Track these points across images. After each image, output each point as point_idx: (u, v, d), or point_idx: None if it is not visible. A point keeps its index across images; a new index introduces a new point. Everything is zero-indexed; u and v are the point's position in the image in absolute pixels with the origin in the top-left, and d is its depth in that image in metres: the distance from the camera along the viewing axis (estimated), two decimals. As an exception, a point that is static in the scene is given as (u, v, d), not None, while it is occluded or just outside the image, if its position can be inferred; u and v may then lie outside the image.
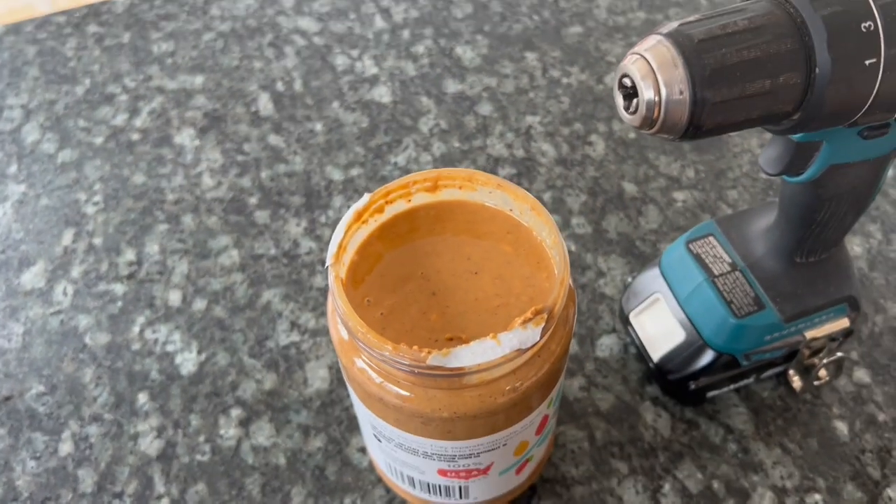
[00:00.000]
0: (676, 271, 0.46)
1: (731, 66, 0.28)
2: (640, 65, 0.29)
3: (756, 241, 0.44)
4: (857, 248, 0.54)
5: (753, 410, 0.47)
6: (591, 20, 0.69)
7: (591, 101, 0.63)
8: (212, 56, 0.67)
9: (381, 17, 0.70)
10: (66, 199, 0.58)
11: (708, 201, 0.57)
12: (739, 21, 0.28)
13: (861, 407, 0.47)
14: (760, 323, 0.43)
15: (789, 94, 0.29)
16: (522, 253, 0.36)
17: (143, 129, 0.62)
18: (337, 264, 0.33)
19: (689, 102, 0.28)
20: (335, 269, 0.32)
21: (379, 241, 0.36)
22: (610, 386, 0.48)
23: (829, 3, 0.28)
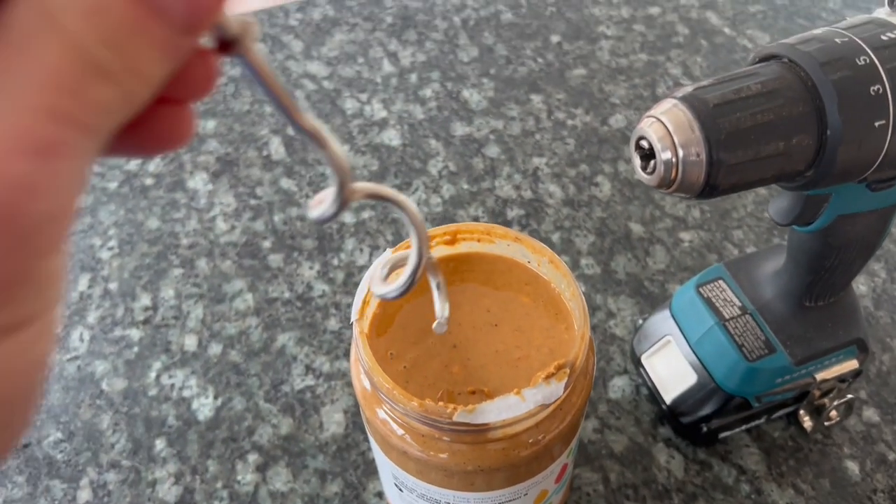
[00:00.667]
0: (687, 314, 0.47)
1: (745, 130, 0.29)
2: (656, 128, 0.30)
3: (765, 285, 0.45)
4: (862, 288, 0.55)
5: (765, 451, 0.48)
6: (595, 62, 0.70)
7: (597, 143, 0.64)
8: (223, 101, 0.68)
9: (389, 61, 0.71)
10: (81, 244, 0.59)
11: (714, 241, 0.58)
12: (752, 85, 0.29)
13: (871, 446, 0.48)
14: (772, 366, 0.43)
15: (802, 154, 0.30)
16: (541, 304, 0.36)
17: (156, 174, 0.63)
18: (361, 319, 0.33)
19: (705, 164, 0.29)
20: (360, 324, 0.33)
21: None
22: (623, 427, 0.49)
23: (839, 67, 0.29)
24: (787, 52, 0.31)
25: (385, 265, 0.28)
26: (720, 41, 0.72)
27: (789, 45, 0.31)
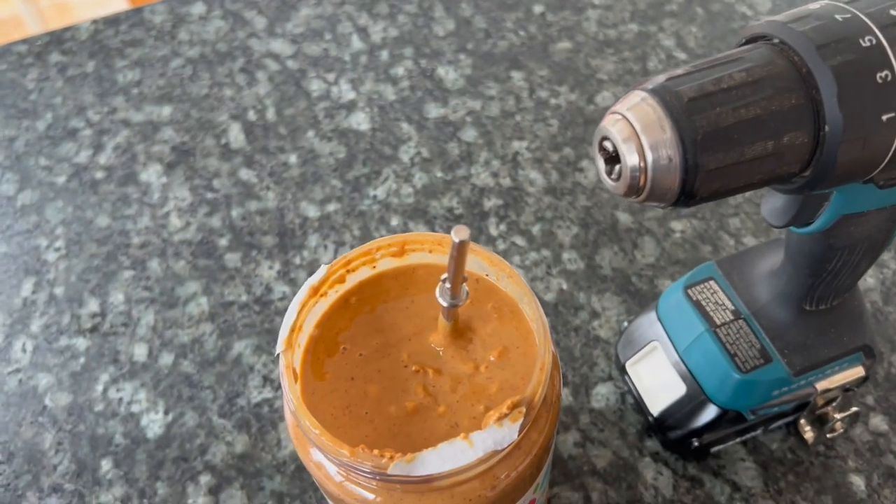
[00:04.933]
0: (675, 319, 0.42)
1: (726, 128, 0.24)
2: (621, 126, 0.25)
3: (761, 287, 0.41)
4: (870, 280, 0.50)
5: (762, 465, 0.43)
6: (581, 34, 0.65)
7: (582, 124, 0.59)
8: (180, 84, 0.63)
9: (359, 36, 0.66)
10: (25, 245, 0.55)
11: (708, 231, 0.53)
12: (735, 74, 0.25)
13: (878, 458, 0.43)
14: (767, 378, 0.39)
15: (795, 154, 0.25)
16: (503, 320, 0.32)
17: (107, 167, 0.58)
18: (289, 350, 0.29)
19: (679, 169, 0.24)
20: (287, 356, 0.29)
21: (341, 313, 0.32)
22: (607, 441, 0.44)
23: (840, 50, 0.25)
24: (777, 31, 0.26)
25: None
26: (717, 8, 0.67)
27: (781, 23, 0.26)
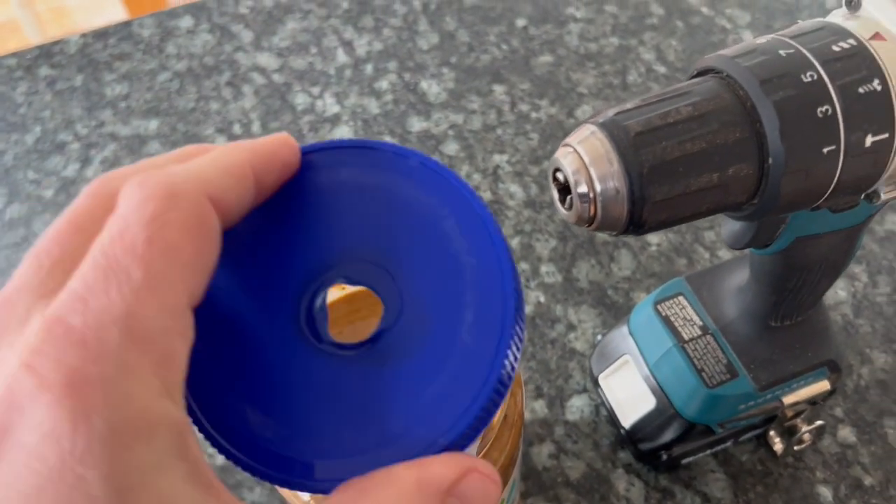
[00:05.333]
0: (645, 333, 0.43)
1: (672, 161, 0.25)
2: (571, 159, 0.26)
3: (728, 303, 0.42)
4: (840, 293, 0.51)
5: (732, 476, 0.44)
6: (562, 48, 0.66)
7: (562, 137, 0.60)
8: (167, 98, 0.64)
9: (344, 50, 0.67)
10: (13, 259, 0.55)
11: (684, 244, 0.54)
12: (682, 108, 0.26)
13: (846, 470, 0.44)
14: (733, 392, 0.40)
15: (740, 185, 0.26)
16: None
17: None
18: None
19: (627, 200, 0.25)
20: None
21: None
22: (580, 452, 0.45)
23: (782, 85, 0.25)
24: (725, 65, 0.27)
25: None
26: (697, 22, 0.68)
27: (728, 57, 0.27)
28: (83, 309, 0.15)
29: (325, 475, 0.18)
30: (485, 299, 0.19)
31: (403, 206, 0.21)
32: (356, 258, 0.20)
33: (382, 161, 0.21)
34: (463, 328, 0.19)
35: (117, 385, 0.15)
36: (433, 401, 0.19)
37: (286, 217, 0.21)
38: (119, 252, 0.16)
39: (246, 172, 0.19)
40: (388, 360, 0.19)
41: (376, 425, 0.19)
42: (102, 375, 0.15)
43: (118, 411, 0.15)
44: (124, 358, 0.15)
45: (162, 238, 0.16)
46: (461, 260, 0.20)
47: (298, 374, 0.19)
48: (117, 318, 0.15)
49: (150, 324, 0.16)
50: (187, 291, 0.17)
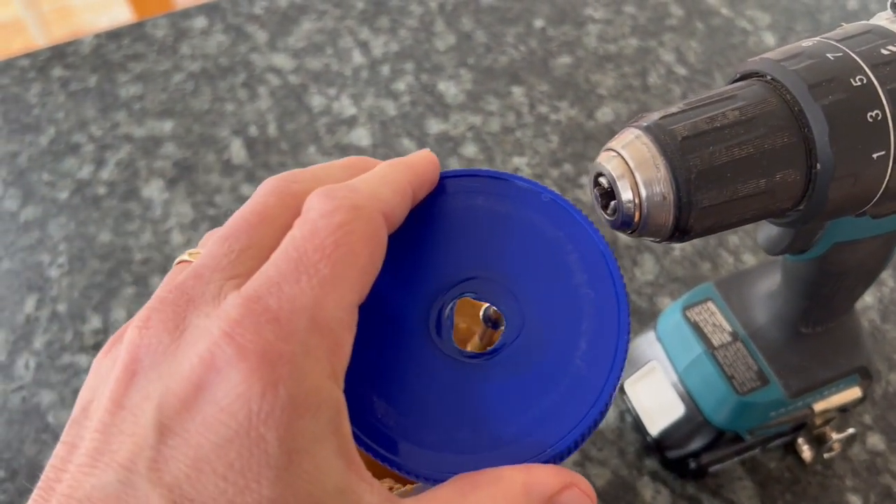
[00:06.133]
0: (673, 339, 0.43)
1: (720, 167, 0.24)
2: (615, 163, 0.25)
3: (758, 308, 0.41)
4: (868, 299, 0.50)
5: (760, 484, 0.44)
6: (581, 49, 0.65)
7: (582, 140, 0.59)
8: (181, 99, 0.63)
9: (360, 51, 0.66)
10: (28, 261, 0.55)
11: (707, 248, 0.53)
12: (729, 112, 0.25)
13: (875, 478, 0.44)
14: (764, 399, 0.39)
15: (787, 191, 0.26)
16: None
17: (109, 182, 0.59)
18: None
19: (673, 206, 0.25)
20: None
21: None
22: (606, 460, 0.45)
23: (831, 89, 0.25)
24: (770, 69, 0.26)
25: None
26: (717, 23, 0.67)
27: (773, 60, 0.26)
28: (278, 293, 0.18)
29: (438, 467, 0.20)
30: (600, 331, 0.22)
31: (532, 237, 0.23)
32: (485, 277, 0.23)
33: (516, 193, 0.24)
34: (577, 354, 0.21)
35: (300, 363, 0.17)
36: (543, 415, 0.21)
37: (426, 232, 0.23)
38: (310, 249, 0.19)
39: (408, 191, 0.22)
40: (505, 372, 0.21)
41: (488, 429, 0.20)
42: (290, 353, 0.17)
43: (298, 385, 0.17)
44: (307, 341, 0.18)
45: (346, 243, 0.19)
46: (580, 292, 0.22)
47: (423, 372, 0.21)
48: (305, 306, 0.18)
49: (330, 315, 0.18)
50: (358, 291, 0.19)
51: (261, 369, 0.17)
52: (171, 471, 0.17)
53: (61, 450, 0.19)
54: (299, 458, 0.17)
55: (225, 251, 0.20)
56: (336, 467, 0.18)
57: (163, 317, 0.19)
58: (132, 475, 0.17)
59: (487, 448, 0.20)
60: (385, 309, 0.22)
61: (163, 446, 0.17)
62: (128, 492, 0.17)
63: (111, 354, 0.21)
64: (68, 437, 0.19)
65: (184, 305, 0.19)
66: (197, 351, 0.18)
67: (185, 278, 0.20)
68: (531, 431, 0.20)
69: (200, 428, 0.17)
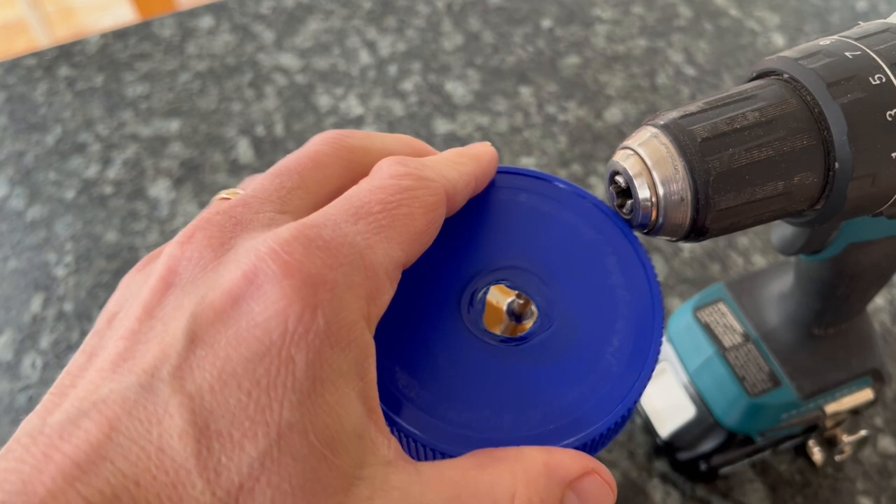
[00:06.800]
0: (684, 341, 0.43)
1: (739, 169, 0.24)
2: (632, 162, 0.25)
3: (770, 310, 0.41)
4: (879, 301, 0.50)
5: (770, 487, 0.43)
6: (589, 50, 0.65)
7: (590, 140, 0.59)
8: (188, 99, 0.63)
9: (367, 51, 0.66)
10: (35, 260, 0.55)
11: (717, 249, 0.53)
12: (749, 113, 0.25)
13: (887, 481, 0.43)
14: (776, 401, 0.39)
15: (805, 193, 0.25)
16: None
17: (116, 181, 0.59)
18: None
19: (690, 207, 0.25)
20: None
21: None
22: (615, 462, 0.45)
23: (850, 88, 0.25)
24: (788, 68, 0.26)
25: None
26: (726, 24, 0.67)
27: (792, 59, 0.26)
28: (334, 227, 0.18)
29: (456, 443, 0.20)
30: (633, 332, 0.22)
31: (573, 237, 0.24)
32: (522, 268, 0.23)
33: (561, 196, 0.25)
34: (609, 351, 0.22)
35: (341, 294, 0.17)
36: (568, 406, 0.21)
37: (471, 219, 0.24)
38: (374, 201, 0.19)
39: (471, 183, 0.23)
40: (534, 360, 0.22)
41: (511, 412, 0.20)
42: (334, 281, 0.17)
43: (335, 315, 0.17)
44: (352, 276, 0.18)
45: (409, 206, 0.20)
46: (617, 293, 0.23)
47: (450, 350, 0.21)
48: (357, 245, 0.18)
49: (378, 260, 0.19)
50: (408, 253, 0.20)
51: (303, 290, 0.17)
52: (195, 380, 0.16)
53: (79, 358, 0.18)
54: (323, 388, 0.17)
55: (276, 186, 0.20)
56: (357, 410, 0.17)
57: (208, 234, 0.19)
58: (154, 380, 0.16)
59: (508, 430, 0.20)
60: (420, 285, 0.22)
61: (191, 354, 0.17)
62: (147, 396, 0.16)
63: (145, 271, 0.20)
64: (88, 347, 0.18)
65: (231, 227, 0.19)
66: (240, 265, 0.18)
67: (232, 205, 0.20)
68: (554, 420, 0.20)
69: (232, 341, 0.17)
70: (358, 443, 0.17)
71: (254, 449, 0.16)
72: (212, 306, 0.17)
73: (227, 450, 0.16)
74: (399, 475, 0.18)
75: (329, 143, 0.22)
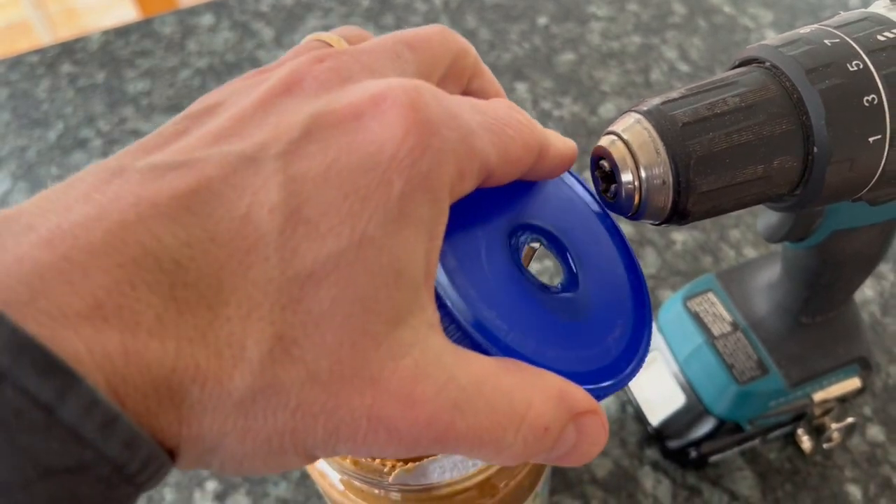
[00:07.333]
0: (674, 330, 0.43)
1: (719, 153, 0.25)
2: (616, 147, 0.26)
3: (758, 299, 0.41)
4: (868, 292, 0.51)
5: (760, 474, 0.44)
6: (584, 46, 0.66)
7: (585, 135, 0.60)
8: (188, 95, 0.64)
9: (365, 48, 0.67)
10: (36, 253, 0.56)
11: (709, 242, 0.54)
12: (729, 99, 0.25)
13: (875, 468, 0.44)
14: (764, 389, 0.40)
15: (784, 177, 0.26)
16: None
17: (117, 176, 0.59)
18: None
19: (672, 190, 0.25)
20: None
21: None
22: (607, 450, 0.45)
23: (828, 74, 0.25)
24: (769, 55, 0.26)
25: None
26: (720, 21, 0.67)
27: (772, 47, 0.26)
28: (457, 104, 0.19)
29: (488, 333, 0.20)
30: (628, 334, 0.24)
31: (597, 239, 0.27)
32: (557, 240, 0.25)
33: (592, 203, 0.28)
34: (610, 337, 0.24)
35: (447, 154, 0.18)
36: (576, 361, 0.22)
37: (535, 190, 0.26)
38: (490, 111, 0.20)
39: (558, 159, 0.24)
40: (557, 309, 0.23)
41: (537, 340, 0.22)
42: (446, 137, 0.18)
43: (437, 167, 0.17)
44: (458, 147, 0.18)
45: (515, 131, 0.21)
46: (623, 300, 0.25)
47: (498, 266, 0.23)
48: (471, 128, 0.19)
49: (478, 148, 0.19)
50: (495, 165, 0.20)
51: (419, 127, 0.17)
52: (301, 165, 0.17)
53: (169, 128, 0.18)
54: (406, 222, 0.17)
55: (393, 52, 0.21)
56: (421, 263, 0.18)
57: (338, 64, 0.19)
58: (261, 153, 0.17)
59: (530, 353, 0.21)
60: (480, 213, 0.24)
61: (303, 144, 0.17)
62: (248, 166, 0.16)
63: (257, 76, 0.20)
64: (181, 125, 0.18)
65: (358, 69, 0.19)
66: (369, 90, 0.18)
67: (358, 52, 0.20)
68: (566, 364, 0.22)
69: (345, 146, 0.17)
70: (414, 292, 0.18)
71: (335, 245, 0.16)
72: (334, 112, 0.17)
73: (310, 237, 0.16)
74: (439, 340, 0.18)
75: (438, 31, 0.22)
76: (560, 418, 0.19)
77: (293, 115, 0.18)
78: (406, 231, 0.17)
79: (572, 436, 0.20)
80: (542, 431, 0.19)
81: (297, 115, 0.17)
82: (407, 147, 0.17)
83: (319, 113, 0.17)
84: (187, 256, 0.15)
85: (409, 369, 0.17)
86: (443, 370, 0.18)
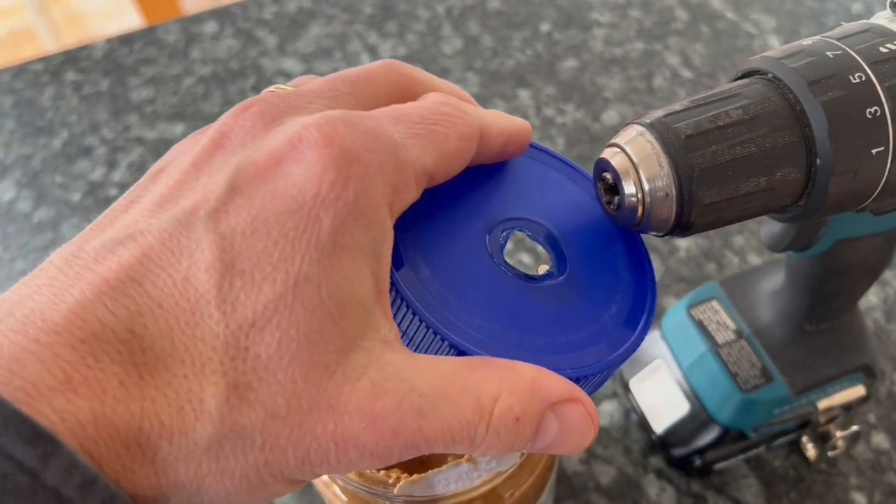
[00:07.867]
0: (678, 338, 0.43)
1: (722, 165, 0.25)
2: (619, 159, 0.26)
3: (762, 307, 0.41)
4: (872, 299, 0.51)
5: (764, 482, 0.44)
6: (587, 52, 0.66)
7: (588, 142, 0.60)
8: (192, 102, 0.64)
9: (368, 55, 0.67)
10: (42, 262, 0.56)
11: (713, 249, 0.54)
12: (732, 111, 0.25)
13: (880, 476, 0.44)
14: (769, 397, 0.40)
15: (787, 189, 0.26)
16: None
17: (121, 184, 0.60)
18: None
19: (675, 202, 0.25)
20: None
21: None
22: (611, 458, 0.45)
23: (830, 87, 0.25)
24: (771, 67, 0.26)
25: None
26: (722, 27, 0.67)
27: (774, 58, 0.27)
28: (376, 121, 0.20)
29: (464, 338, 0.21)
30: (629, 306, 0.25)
31: (588, 219, 0.27)
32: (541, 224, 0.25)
33: (583, 182, 0.28)
34: (606, 314, 0.24)
35: (372, 175, 0.19)
36: (570, 344, 0.22)
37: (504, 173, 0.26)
38: (415, 115, 0.21)
39: (503, 135, 0.25)
40: (542, 297, 0.23)
41: (520, 332, 0.22)
42: (368, 161, 0.19)
43: (363, 191, 0.18)
44: (385, 164, 0.19)
45: (445, 126, 0.21)
46: (621, 274, 0.26)
47: (473, 266, 0.23)
48: (394, 140, 0.20)
49: (409, 158, 0.20)
50: (435, 166, 0.21)
51: (339, 161, 0.18)
52: (229, 222, 0.18)
53: (121, 203, 0.20)
54: (342, 253, 0.18)
55: (329, 88, 0.22)
56: (367, 286, 0.19)
57: (262, 109, 0.20)
58: (192, 218, 0.18)
59: (511, 346, 0.21)
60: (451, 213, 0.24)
61: (229, 201, 0.18)
62: (182, 231, 0.18)
63: (196, 137, 0.21)
64: (131, 195, 0.20)
65: (284, 108, 0.20)
66: (286, 133, 0.19)
67: (287, 93, 0.21)
68: (552, 351, 0.22)
69: (269, 195, 0.18)
70: (363, 315, 0.19)
71: (271, 291, 0.17)
72: (255, 163, 0.19)
73: (246, 288, 0.17)
74: (395, 355, 0.19)
75: (382, 64, 0.23)
76: (534, 408, 0.20)
77: (219, 172, 0.19)
78: (343, 261, 0.18)
79: (554, 425, 0.20)
80: (514, 422, 0.19)
81: (222, 171, 0.19)
82: (328, 182, 0.18)
83: (241, 166, 0.19)
84: (140, 325, 0.17)
85: (366, 389, 0.18)
86: (402, 382, 0.18)
